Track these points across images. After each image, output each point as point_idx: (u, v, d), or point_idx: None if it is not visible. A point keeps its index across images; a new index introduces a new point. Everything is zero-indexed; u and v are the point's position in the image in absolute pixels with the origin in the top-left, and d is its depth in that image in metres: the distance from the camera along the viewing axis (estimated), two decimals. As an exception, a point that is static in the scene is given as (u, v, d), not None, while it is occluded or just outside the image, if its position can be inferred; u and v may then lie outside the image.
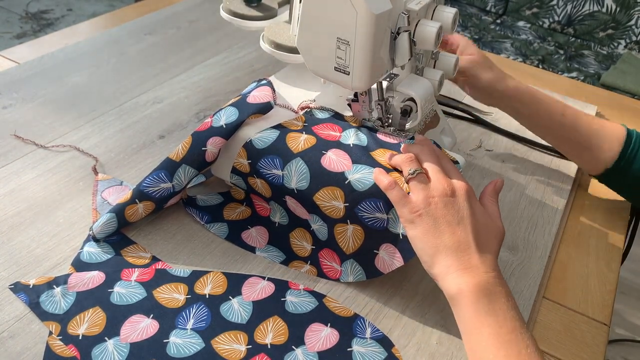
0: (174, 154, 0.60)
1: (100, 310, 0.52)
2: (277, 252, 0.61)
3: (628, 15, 2.11)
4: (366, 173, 0.55)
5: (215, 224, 0.62)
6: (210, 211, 0.64)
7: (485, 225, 0.51)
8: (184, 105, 0.83)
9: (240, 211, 0.64)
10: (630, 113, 0.98)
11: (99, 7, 3.06)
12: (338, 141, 0.59)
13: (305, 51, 0.57)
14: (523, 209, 0.71)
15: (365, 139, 0.59)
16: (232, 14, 0.72)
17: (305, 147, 0.58)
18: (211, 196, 0.65)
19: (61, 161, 0.70)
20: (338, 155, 0.57)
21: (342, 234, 0.57)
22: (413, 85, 0.60)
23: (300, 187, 0.57)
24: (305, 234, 0.61)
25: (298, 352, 0.51)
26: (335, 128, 0.61)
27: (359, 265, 0.57)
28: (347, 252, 0.57)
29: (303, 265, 0.59)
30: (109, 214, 0.59)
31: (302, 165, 0.57)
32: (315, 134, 0.60)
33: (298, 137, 0.59)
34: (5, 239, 0.59)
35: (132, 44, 0.97)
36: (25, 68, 0.87)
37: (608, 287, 0.63)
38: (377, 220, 0.54)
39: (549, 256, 0.65)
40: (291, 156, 0.58)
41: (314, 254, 0.60)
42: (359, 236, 0.56)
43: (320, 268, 0.59)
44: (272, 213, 0.63)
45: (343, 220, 0.56)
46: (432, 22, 0.56)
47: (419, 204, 0.50)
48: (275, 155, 0.58)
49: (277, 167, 0.58)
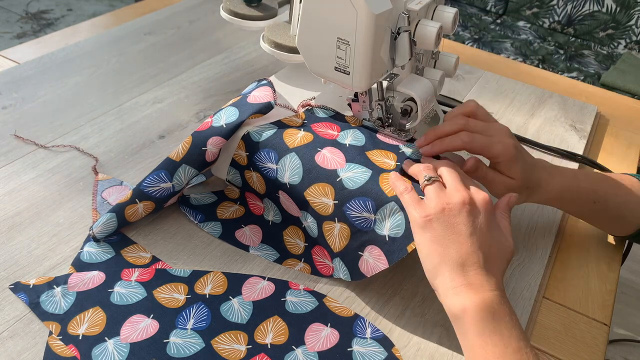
0: (174, 153, 0.61)
1: (100, 310, 0.52)
2: (271, 250, 0.61)
3: (628, 15, 2.11)
4: (358, 172, 0.55)
5: (208, 223, 0.62)
6: (203, 210, 0.64)
7: (497, 242, 0.49)
8: (184, 105, 0.83)
9: (234, 210, 0.64)
10: (630, 113, 0.98)
11: (99, 7, 3.06)
12: (335, 140, 0.59)
13: (305, 51, 0.57)
14: (523, 208, 0.71)
15: (362, 139, 0.59)
16: (232, 14, 0.72)
17: (301, 143, 0.58)
18: (204, 195, 0.65)
19: (61, 161, 0.70)
20: (332, 153, 0.57)
21: (330, 232, 0.57)
22: (413, 85, 0.60)
23: (292, 181, 0.57)
24: (298, 232, 0.61)
25: (298, 352, 0.51)
26: (334, 127, 0.61)
27: (345, 265, 0.57)
28: (335, 250, 0.57)
29: (297, 262, 0.60)
30: (109, 213, 0.59)
31: (295, 160, 0.57)
32: (313, 131, 0.60)
33: (295, 134, 0.59)
34: (5, 239, 0.59)
35: (132, 44, 0.97)
36: (25, 68, 0.87)
37: (608, 287, 0.63)
38: (364, 220, 0.54)
39: (549, 256, 0.65)
40: (286, 151, 0.58)
41: (307, 252, 0.60)
42: (345, 235, 0.56)
43: (313, 265, 0.59)
44: (266, 212, 0.63)
45: (331, 218, 0.56)
46: (432, 22, 0.56)
47: (432, 209, 0.49)
48: (271, 149, 0.59)
49: (272, 161, 0.58)
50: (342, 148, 0.58)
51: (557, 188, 0.61)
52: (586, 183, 0.62)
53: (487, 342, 0.44)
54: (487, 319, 0.44)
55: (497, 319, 0.45)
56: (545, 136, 0.86)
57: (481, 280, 0.46)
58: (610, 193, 0.62)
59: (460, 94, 0.94)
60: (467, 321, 0.45)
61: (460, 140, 0.57)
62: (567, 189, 0.61)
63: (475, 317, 0.45)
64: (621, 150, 0.87)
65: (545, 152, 0.82)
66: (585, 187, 0.61)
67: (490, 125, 0.59)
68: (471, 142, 0.57)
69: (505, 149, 0.57)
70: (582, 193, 0.61)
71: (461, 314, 0.45)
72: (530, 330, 0.57)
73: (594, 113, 0.93)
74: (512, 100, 0.94)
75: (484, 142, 0.57)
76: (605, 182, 0.63)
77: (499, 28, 2.28)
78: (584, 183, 0.62)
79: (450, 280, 0.47)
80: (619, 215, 0.63)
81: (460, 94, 0.94)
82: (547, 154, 0.82)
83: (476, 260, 0.47)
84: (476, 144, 0.57)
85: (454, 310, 0.46)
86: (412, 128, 0.62)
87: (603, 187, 0.62)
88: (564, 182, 0.61)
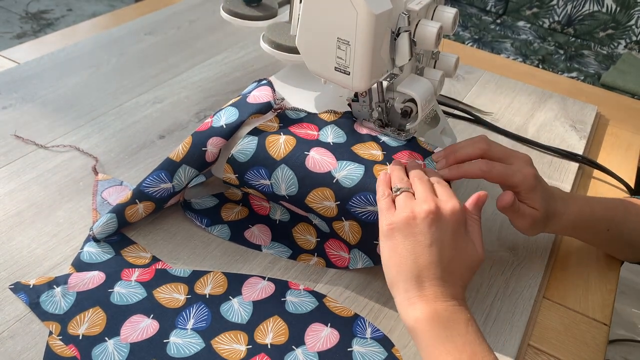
0: (174, 154, 0.61)
1: (100, 310, 0.52)
2: (283, 247, 0.61)
3: (628, 15, 2.11)
4: (352, 169, 0.56)
5: (216, 226, 0.62)
6: (208, 214, 0.64)
7: (461, 252, 0.48)
8: (184, 105, 0.83)
9: (238, 211, 0.64)
10: (630, 113, 0.98)
11: (99, 7, 3.06)
12: (317, 140, 0.59)
13: (305, 51, 0.57)
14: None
15: (343, 135, 0.59)
16: (232, 14, 0.72)
17: (286, 150, 0.58)
18: (205, 199, 0.65)
19: (61, 161, 0.70)
20: (321, 154, 0.57)
21: (341, 230, 0.57)
22: (413, 86, 0.60)
23: (290, 192, 0.57)
24: (308, 228, 0.62)
25: (298, 352, 0.51)
26: (311, 127, 0.61)
27: (364, 254, 0.58)
28: (351, 243, 0.58)
29: (311, 257, 0.60)
30: (109, 214, 0.59)
31: (287, 172, 0.57)
32: (293, 133, 0.60)
33: (277, 140, 0.59)
34: (5, 239, 0.59)
35: (132, 44, 0.97)
36: (25, 68, 0.87)
37: (608, 287, 0.63)
38: (369, 213, 0.55)
39: (549, 256, 0.65)
40: (275, 164, 0.57)
41: (320, 246, 0.60)
42: (357, 230, 0.56)
43: (328, 258, 0.59)
44: (272, 211, 0.63)
45: (338, 218, 0.56)
46: (432, 22, 0.56)
47: (396, 218, 0.48)
48: (259, 166, 0.58)
49: (264, 177, 0.58)
50: (328, 147, 0.58)
51: (572, 218, 0.59)
52: (599, 209, 0.61)
53: (441, 351, 0.44)
54: (438, 328, 0.44)
55: (450, 327, 0.44)
56: (545, 136, 0.86)
57: (435, 292, 0.46)
58: (623, 219, 0.61)
59: (460, 94, 0.94)
60: (420, 332, 0.45)
61: (479, 170, 0.55)
62: (580, 217, 0.60)
63: (427, 327, 0.44)
64: (621, 150, 0.87)
65: (546, 152, 0.82)
66: (599, 214, 0.60)
67: (510, 152, 0.57)
68: (490, 171, 0.55)
69: (524, 179, 0.55)
70: (596, 221, 0.60)
71: (414, 324, 0.45)
72: (530, 330, 0.57)
73: (594, 113, 0.93)
74: (512, 100, 0.94)
75: (503, 172, 0.55)
76: (619, 207, 0.62)
77: (499, 28, 2.28)
78: (597, 210, 0.60)
79: (404, 292, 0.47)
80: (631, 241, 0.62)
81: (460, 94, 0.94)
82: (547, 153, 0.82)
83: (432, 272, 0.46)
84: (495, 173, 0.55)
85: (408, 321, 0.46)
86: (412, 128, 0.62)
87: (616, 213, 0.61)
88: (578, 210, 0.59)
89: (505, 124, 0.87)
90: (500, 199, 0.55)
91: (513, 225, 0.58)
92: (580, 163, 0.81)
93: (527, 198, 0.56)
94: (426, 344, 0.44)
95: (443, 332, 0.44)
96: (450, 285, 0.47)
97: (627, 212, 0.61)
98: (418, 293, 0.46)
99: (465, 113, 0.88)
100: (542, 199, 0.56)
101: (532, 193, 0.56)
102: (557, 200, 0.59)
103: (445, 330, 0.44)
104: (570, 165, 0.80)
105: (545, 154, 0.82)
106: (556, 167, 0.79)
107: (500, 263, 0.63)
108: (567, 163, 0.80)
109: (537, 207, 0.56)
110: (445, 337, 0.44)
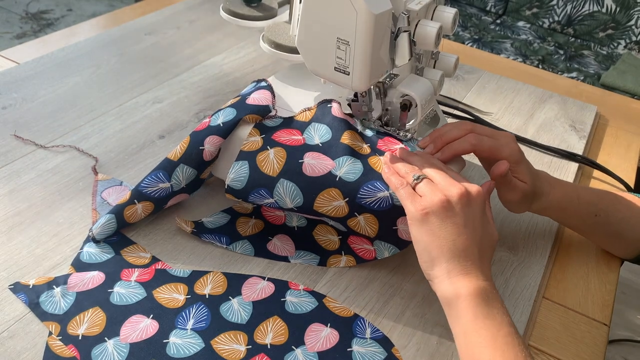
0: (172, 154, 0.61)
1: (100, 311, 0.52)
2: (310, 254, 0.61)
3: (628, 15, 2.11)
4: (350, 163, 0.56)
5: (236, 243, 0.61)
6: (224, 232, 0.62)
7: (486, 232, 0.51)
8: (184, 105, 0.83)
9: (252, 224, 0.64)
10: (630, 113, 0.98)
11: (99, 7, 3.06)
12: (305, 144, 0.59)
13: (305, 51, 0.57)
14: (523, 209, 0.71)
15: (327, 131, 0.59)
16: (232, 14, 0.72)
17: (280, 164, 0.58)
18: (217, 216, 0.64)
19: (61, 161, 0.70)
20: (315, 158, 0.57)
21: (357, 226, 0.57)
22: (413, 85, 0.60)
23: (297, 204, 0.57)
24: (327, 228, 0.62)
25: (298, 352, 0.51)
26: (294, 132, 0.60)
27: (387, 243, 0.58)
28: (370, 236, 0.58)
29: (339, 258, 0.60)
30: (108, 215, 0.59)
31: (288, 185, 0.57)
32: (279, 142, 0.59)
33: (267, 157, 0.58)
34: (5, 239, 0.59)
35: (132, 44, 0.97)
36: (25, 68, 0.87)
37: (608, 287, 0.63)
38: (380, 200, 0.55)
39: (549, 256, 0.65)
40: (273, 181, 0.57)
41: (344, 243, 0.61)
42: (372, 221, 0.56)
43: (355, 254, 0.60)
44: (288, 219, 0.63)
45: (351, 215, 0.56)
46: (432, 22, 0.56)
47: (429, 202, 0.49)
48: (258, 188, 0.58)
49: (266, 197, 0.58)
50: (318, 149, 0.58)
51: (558, 197, 0.61)
52: (586, 195, 0.62)
53: (481, 326, 0.45)
54: (481, 304, 0.46)
55: (490, 305, 0.46)
56: (545, 136, 0.86)
57: (476, 270, 0.48)
58: (611, 208, 0.62)
59: (460, 94, 0.94)
60: (461, 306, 0.47)
61: (468, 144, 0.58)
62: (567, 198, 0.62)
63: (470, 302, 0.46)
64: (621, 150, 0.87)
65: (545, 152, 0.82)
66: (586, 199, 0.62)
67: (495, 131, 0.60)
68: (479, 144, 0.57)
69: (513, 152, 0.58)
70: (583, 204, 0.62)
71: (455, 299, 0.47)
72: (530, 330, 0.57)
73: (594, 113, 0.93)
74: (512, 100, 0.94)
75: (493, 145, 0.58)
76: (606, 196, 0.63)
77: (498, 28, 2.28)
78: (584, 195, 0.62)
79: (446, 271, 0.48)
80: (620, 231, 0.63)
81: (460, 94, 0.94)
82: (547, 154, 0.82)
83: (472, 251, 0.48)
84: (484, 146, 0.58)
85: (447, 295, 0.48)
86: (412, 128, 0.62)
87: (604, 201, 0.62)
88: (565, 192, 0.62)
89: (505, 124, 0.87)
90: (496, 167, 0.57)
91: (502, 201, 0.61)
92: (580, 163, 0.81)
93: (515, 171, 0.59)
94: (466, 318, 0.46)
95: (485, 309, 0.46)
96: (485, 264, 0.49)
97: (616, 201, 0.63)
98: (462, 271, 0.48)
99: (465, 113, 0.88)
100: (529, 173, 0.59)
101: (520, 166, 0.58)
102: (543, 181, 0.61)
103: (487, 307, 0.46)
104: (570, 166, 0.80)
105: (545, 154, 0.82)
106: (556, 167, 0.79)
107: (500, 263, 0.63)
108: (566, 163, 0.80)
109: (526, 181, 0.59)
110: (486, 314, 0.46)
